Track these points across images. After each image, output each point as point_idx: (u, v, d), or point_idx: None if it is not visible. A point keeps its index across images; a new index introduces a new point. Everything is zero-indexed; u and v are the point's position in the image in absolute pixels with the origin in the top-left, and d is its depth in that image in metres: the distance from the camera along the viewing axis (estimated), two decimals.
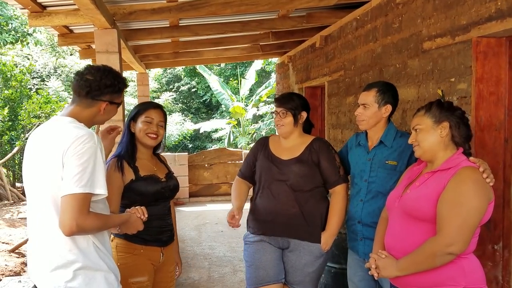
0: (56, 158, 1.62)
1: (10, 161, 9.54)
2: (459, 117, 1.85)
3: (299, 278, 2.49)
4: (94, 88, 1.76)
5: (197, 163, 8.96)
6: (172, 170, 2.46)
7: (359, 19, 4.36)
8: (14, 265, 4.62)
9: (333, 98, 5.18)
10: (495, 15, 2.39)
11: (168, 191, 2.31)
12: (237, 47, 6.69)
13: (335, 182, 2.47)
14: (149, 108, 2.29)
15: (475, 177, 1.72)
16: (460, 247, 1.67)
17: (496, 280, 2.56)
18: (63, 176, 1.59)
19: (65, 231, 1.57)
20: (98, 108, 1.78)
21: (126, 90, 2.03)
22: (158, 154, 2.43)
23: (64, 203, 1.57)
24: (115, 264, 1.82)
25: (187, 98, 18.76)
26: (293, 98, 2.54)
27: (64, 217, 1.57)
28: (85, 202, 1.59)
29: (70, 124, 1.70)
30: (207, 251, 5.34)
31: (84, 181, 1.57)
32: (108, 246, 1.80)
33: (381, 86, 2.36)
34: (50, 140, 1.67)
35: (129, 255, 2.15)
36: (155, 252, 2.23)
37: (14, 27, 10.50)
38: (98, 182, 1.61)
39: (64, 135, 1.65)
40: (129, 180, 2.16)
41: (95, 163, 1.61)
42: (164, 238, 2.28)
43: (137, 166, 2.21)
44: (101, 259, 1.71)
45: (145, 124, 2.24)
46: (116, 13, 3.82)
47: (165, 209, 2.32)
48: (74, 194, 1.56)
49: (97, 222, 1.63)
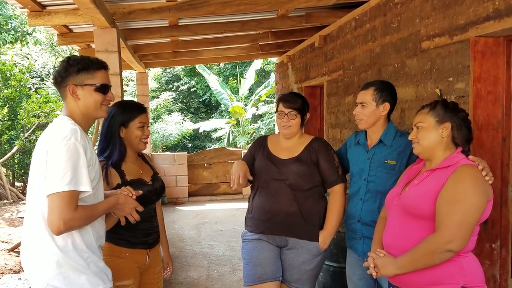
0: (41, 157, 1.63)
1: (9, 161, 9.54)
2: (462, 119, 1.85)
3: (296, 276, 2.50)
4: (57, 76, 1.74)
5: (197, 162, 8.97)
6: (157, 170, 2.43)
7: (358, 19, 4.37)
8: (14, 264, 4.62)
9: (332, 98, 5.19)
10: (493, 14, 2.40)
11: (155, 194, 2.28)
12: (237, 46, 6.70)
13: (334, 181, 2.48)
14: (142, 113, 2.24)
15: (474, 174, 1.73)
16: (459, 244, 1.68)
17: (494, 278, 2.58)
18: (47, 175, 1.59)
19: (53, 231, 1.57)
20: (69, 94, 1.73)
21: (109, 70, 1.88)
22: (142, 155, 2.40)
23: (51, 202, 1.57)
24: (103, 267, 1.76)
25: (186, 97, 18.76)
26: (300, 99, 2.52)
27: (51, 216, 1.56)
28: (72, 200, 1.57)
29: (58, 122, 1.70)
30: (206, 250, 5.35)
31: (68, 179, 1.56)
32: (95, 249, 1.75)
33: (378, 85, 2.36)
34: (39, 140, 1.70)
35: (114, 258, 2.08)
36: (141, 255, 2.20)
37: (13, 26, 10.49)
38: (82, 179, 1.60)
39: (48, 135, 1.66)
40: (115, 184, 2.12)
41: (77, 160, 1.59)
42: (150, 240, 2.25)
43: (123, 170, 2.17)
44: (84, 260, 1.68)
45: (140, 130, 2.21)
46: (115, 12, 3.83)
47: (152, 211, 2.29)
48: (60, 192, 1.55)
49: (84, 214, 1.62)
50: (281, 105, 2.51)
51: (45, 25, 4.16)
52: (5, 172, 9.41)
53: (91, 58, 1.78)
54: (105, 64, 1.81)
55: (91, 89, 1.74)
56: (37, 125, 9.29)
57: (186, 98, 18.75)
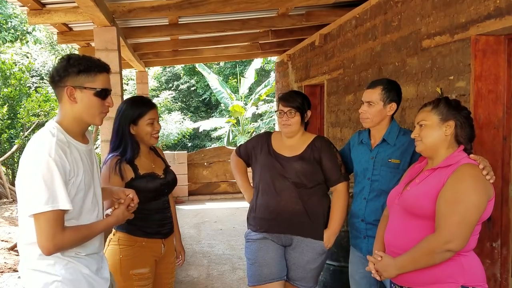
0: (19, 171, 1.57)
1: (9, 159, 9.54)
2: (465, 117, 1.84)
3: (301, 275, 2.51)
4: (55, 74, 1.63)
5: (196, 161, 8.97)
6: (168, 163, 2.50)
7: (358, 18, 4.36)
8: (13, 263, 4.62)
9: (332, 97, 5.19)
10: (494, 13, 2.39)
11: (167, 187, 2.37)
12: (237, 45, 6.69)
13: (337, 180, 2.48)
14: (150, 110, 2.28)
15: (474, 173, 1.72)
16: (459, 244, 1.67)
17: (495, 277, 2.57)
18: (24, 192, 1.53)
19: (44, 252, 1.53)
20: (66, 96, 1.62)
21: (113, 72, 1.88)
22: (154, 148, 2.47)
23: (36, 223, 1.51)
24: (82, 275, 1.67)
25: (186, 96, 18.75)
26: (299, 97, 2.52)
27: (40, 238, 1.51)
28: (57, 221, 1.51)
29: (39, 134, 1.62)
30: (206, 249, 5.34)
31: (45, 198, 1.48)
32: (69, 256, 1.64)
33: (386, 84, 2.33)
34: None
35: (131, 247, 2.20)
36: (157, 244, 2.29)
37: (13, 25, 10.49)
38: (58, 196, 1.50)
39: (26, 148, 1.58)
40: (129, 178, 2.21)
41: (51, 178, 1.49)
42: (165, 230, 2.34)
43: (136, 164, 2.25)
44: (53, 267, 1.60)
45: (150, 127, 2.26)
46: (115, 10, 3.82)
47: (165, 203, 2.38)
48: (42, 213, 1.49)
49: (76, 235, 1.57)
50: (281, 104, 2.53)
51: (45, 23, 4.16)
52: (4, 171, 9.41)
53: (93, 59, 1.67)
54: (107, 66, 1.71)
55: (91, 93, 1.64)
56: (37, 124, 9.29)
57: (186, 97, 18.74)
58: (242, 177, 2.72)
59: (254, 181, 2.59)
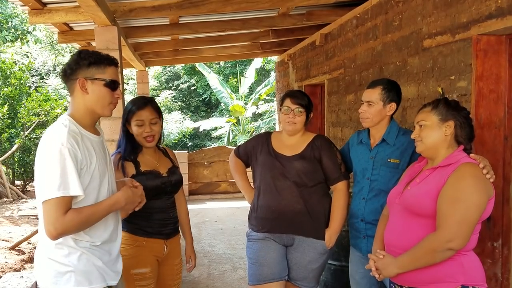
0: (36, 162, 1.64)
1: (9, 159, 9.54)
2: (465, 117, 1.85)
3: (303, 275, 2.51)
4: (67, 68, 1.72)
5: (197, 161, 8.97)
6: (177, 164, 2.48)
7: (359, 17, 4.36)
8: (14, 262, 4.62)
9: (333, 96, 5.19)
10: (495, 13, 2.39)
11: (170, 186, 2.34)
12: (237, 45, 6.69)
13: (337, 179, 2.48)
14: (138, 110, 2.25)
15: (474, 173, 1.73)
16: (460, 243, 1.68)
17: (496, 277, 2.57)
18: (38, 181, 1.60)
19: (49, 236, 1.59)
20: (78, 88, 1.70)
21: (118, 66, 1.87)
22: (164, 148, 2.47)
23: (44, 208, 1.58)
24: (94, 267, 1.70)
25: (186, 96, 18.75)
26: (306, 97, 2.52)
27: (45, 223, 1.58)
28: (61, 206, 1.56)
29: (53, 125, 1.70)
30: (207, 249, 5.35)
31: (57, 185, 1.55)
32: (84, 247, 1.68)
33: (386, 84, 2.34)
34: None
35: (131, 247, 2.20)
36: (158, 245, 2.27)
37: (14, 25, 10.49)
38: (71, 183, 1.57)
39: (42, 139, 1.66)
40: (131, 174, 2.22)
41: (64, 165, 1.56)
42: (167, 231, 2.32)
43: (138, 161, 2.26)
44: (67, 258, 1.65)
45: (138, 128, 2.25)
46: (116, 10, 3.82)
47: (168, 202, 2.35)
48: (49, 199, 1.55)
49: (79, 216, 1.59)
50: (289, 100, 2.48)
51: (46, 23, 4.16)
52: (5, 171, 9.40)
53: (102, 54, 1.78)
54: (116, 61, 1.80)
55: (101, 83, 1.72)
56: (37, 123, 9.29)
57: (186, 96, 18.74)
58: (241, 178, 2.71)
59: (255, 181, 2.59)
